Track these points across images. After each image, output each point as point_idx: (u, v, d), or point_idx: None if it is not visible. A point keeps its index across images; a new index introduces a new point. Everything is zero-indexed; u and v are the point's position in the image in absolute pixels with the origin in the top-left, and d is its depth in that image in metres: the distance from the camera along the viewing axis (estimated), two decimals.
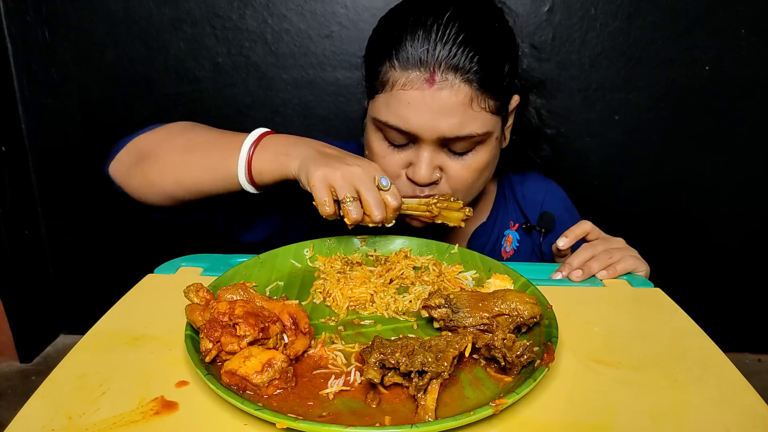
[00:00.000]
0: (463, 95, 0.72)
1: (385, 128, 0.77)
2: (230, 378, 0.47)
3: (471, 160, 0.78)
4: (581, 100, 1.47)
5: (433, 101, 0.71)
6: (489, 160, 0.80)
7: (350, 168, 0.67)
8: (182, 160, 0.78)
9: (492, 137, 0.78)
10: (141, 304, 0.65)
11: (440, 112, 0.72)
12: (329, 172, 0.66)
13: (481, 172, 0.80)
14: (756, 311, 1.74)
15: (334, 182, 0.66)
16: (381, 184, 0.68)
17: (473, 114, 0.73)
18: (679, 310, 0.66)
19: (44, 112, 1.54)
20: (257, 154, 0.73)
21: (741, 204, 1.59)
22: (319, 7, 1.42)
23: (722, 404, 0.48)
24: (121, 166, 0.82)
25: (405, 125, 0.74)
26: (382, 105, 0.76)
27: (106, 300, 0.66)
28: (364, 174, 0.67)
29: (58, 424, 0.44)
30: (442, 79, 0.71)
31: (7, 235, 1.58)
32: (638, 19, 1.39)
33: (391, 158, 0.79)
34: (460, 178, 0.79)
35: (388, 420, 0.44)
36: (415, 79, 0.72)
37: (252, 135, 0.75)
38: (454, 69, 0.70)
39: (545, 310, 0.58)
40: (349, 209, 0.66)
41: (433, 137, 0.74)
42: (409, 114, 0.73)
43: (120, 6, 1.42)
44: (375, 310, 0.64)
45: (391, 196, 0.68)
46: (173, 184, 0.78)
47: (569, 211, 1.00)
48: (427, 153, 0.76)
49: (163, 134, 0.82)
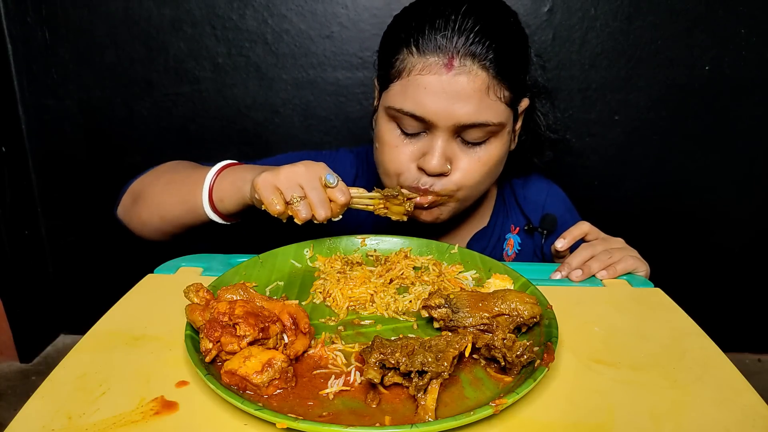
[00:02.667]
0: (480, 82, 0.72)
1: (399, 116, 0.76)
2: (230, 378, 0.47)
3: (482, 153, 0.77)
4: (581, 100, 1.47)
5: (450, 86, 0.72)
6: (500, 157, 0.80)
7: (293, 168, 0.68)
8: (163, 197, 0.83)
9: (504, 131, 0.78)
10: (141, 304, 0.65)
11: (457, 98, 0.72)
12: (272, 176, 0.67)
13: (491, 168, 0.80)
14: (756, 311, 1.74)
15: (278, 184, 0.67)
16: (327, 182, 0.68)
17: (489, 102, 0.73)
18: (679, 310, 0.66)
19: (44, 112, 1.54)
20: (217, 183, 0.77)
21: (741, 204, 1.59)
22: (319, 8, 1.42)
23: (722, 404, 0.48)
24: (123, 208, 0.89)
25: (421, 110, 0.73)
26: (397, 92, 0.76)
27: (106, 300, 0.66)
28: (308, 173, 0.68)
29: (58, 424, 0.44)
30: (460, 65, 0.71)
31: (7, 235, 1.58)
32: (638, 20, 1.39)
33: (403, 148, 0.78)
34: (469, 171, 0.78)
35: (388, 420, 0.44)
36: (433, 64, 0.72)
37: (216, 167, 0.79)
38: (472, 55, 0.71)
39: (545, 310, 0.58)
40: (297, 209, 0.67)
41: (448, 124, 0.73)
42: (426, 99, 0.73)
43: (120, 6, 1.42)
44: (375, 310, 0.64)
45: (339, 193, 0.68)
46: (159, 221, 0.84)
47: (570, 212, 1.00)
48: (441, 142, 0.75)
49: (152, 176, 0.87)
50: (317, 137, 1.54)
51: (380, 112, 0.81)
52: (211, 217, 0.79)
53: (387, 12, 1.40)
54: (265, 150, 1.55)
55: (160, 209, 0.83)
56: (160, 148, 1.56)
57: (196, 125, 1.54)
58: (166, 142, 1.56)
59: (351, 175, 0.98)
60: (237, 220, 0.82)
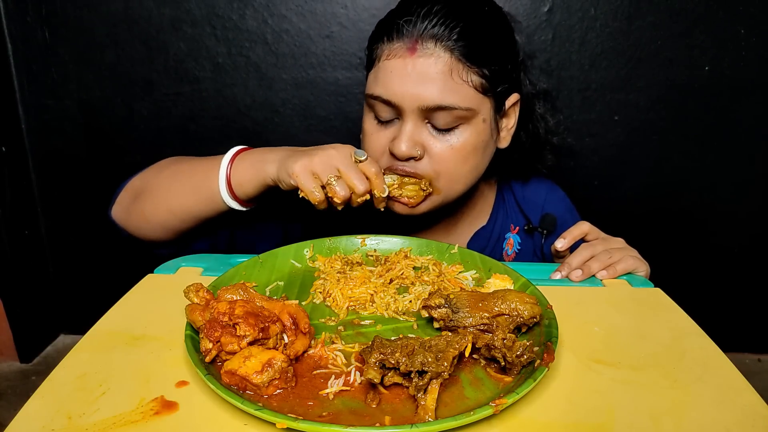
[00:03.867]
0: (443, 64, 0.73)
1: (373, 103, 0.78)
2: (230, 378, 0.47)
3: (454, 140, 0.77)
4: (581, 100, 1.47)
5: (413, 69, 0.73)
6: (475, 144, 0.79)
7: (326, 152, 0.70)
8: (170, 189, 0.81)
9: (477, 118, 0.77)
10: (141, 304, 0.65)
11: (420, 80, 0.73)
12: (308, 161, 0.69)
13: (466, 156, 0.79)
14: (756, 311, 1.74)
15: (314, 168, 0.69)
16: (357, 157, 0.71)
17: (454, 85, 0.74)
18: (679, 310, 0.66)
19: (44, 112, 1.54)
20: (235, 167, 0.76)
21: (741, 204, 1.59)
22: (319, 8, 1.42)
23: (722, 404, 0.48)
24: (120, 207, 0.86)
25: (387, 93, 0.75)
26: (371, 79, 0.79)
27: (106, 300, 0.66)
28: (339, 154, 0.70)
29: (58, 424, 0.44)
30: (422, 48, 0.73)
31: (7, 235, 1.58)
32: (638, 20, 1.39)
33: (378, 135, 0.80)
34: (442, 157, 0.77)
35: (388, 420, 0.44)
36: (398, 49, 0.75)
37: (230, 152, 0.78)
38: (434, 37, 0.73)
39: (545, 310, 0.58)
40: (336, 189, 0.69)
41: (413, 106, 0.74)
42: (392, 82, 0.75)
43: (120, 6, 1.42)
44: (375, 310, 0.64)
45: (368, 164, 0.71)
46: (166, 214, 0.81)
47: (570, 212, 1.00)
48: (409, 126, 0.76)
49: (153, 170, 0.86)
50: (317, 137, 1.54)
51: (364, 104, 0.84)
52: (230, 204, 0.78)
53: (386, 12, 1.40)
54: None
55: (169, 202, 0.80)
56: (160, 148, 1.56)
57: (196, 125, 1.54)
58: (166, 142, 1.56)
59: None
60: (253, 205, 0.81)
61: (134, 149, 1.57)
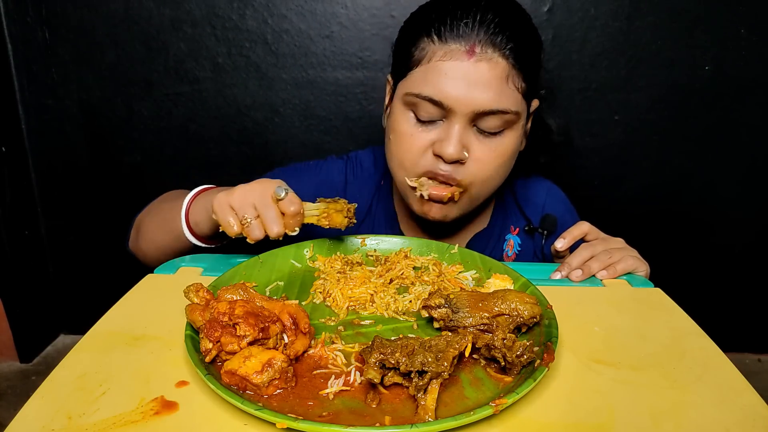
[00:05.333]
0: (501, 69, 0.74)
1: (417, 102, 0.76)
2: (230, 378, 0.47)
3: (498, 143, 0.78)
4: (581, 100, 1.47)
5: (471, 72, 0.73)
6: (513, 150, 0.80)
7: (246, 188, 0.68)
8: (152, 228, 0.86)
9: (519, 123, 0.79)
10: (141, 304, 0.65)
11: (477, 84, 0.73)
12: (226, 197, 0.68)
13: (504, 162, 0.80)
14: (756, 311, 1.74)
15: (232, 203, 0.68)
16: (276, 195, 0.67)
17: (508, 90, 0.75)
18: (679, 310, 0.66)
19: (44, 112, 1.54)
20: (192, 208, 0.79)
21: (741, 204, 1.59)
22: (319, 7, 1.41)
23: (722, 404, 0.48)
24: (131, 242, 0.92)
25: (440, 95, 0.74)
26: (417, 79, 0.76)
27: (106, 300, 0.66)
28: (258, 190, 0.68)
29: (58, 424, 0.44)
30: (481, 52, 0.73)
31: (7, 235, 1.58)
32: (638, 20, 1.39)
33: (418, 136, 0.78)
34: (484, 161, 0.78)
35: (388, 420, 0.44)
36: (455, 51, 0.74)
37: (192, 192, 0.81)
38: (492, 44, 0.73)
39: (545, 310, 0.58)
40: (249, 229, 0.67)
41: (467, 110, 0.74)
42: (447, 84, 0.74)
43: (120, 6, 1.42)
44: (375, 310, 0.64)
45: (288, 203, 0.67)
46: (155, 251, 0.86)
47: (570, 213, 1.00)
48: (459, 128, 0.75)
49: (148, 209, 0.91)
50: (317, 137, 1.54)
51: (395, 103, 0.81)
52: (193, 241, 0.80)
53: (386, 12, 1.41)
54: (265, 150, 1.55)
55: (154, 240, 0.85)
56: (160, 148, 1.56)
57: (196, 125, 1.54)
58: (166, 142, 1.56)
59: (339, 182, 0.97)
60: (219, 242, 0.84)
61: (134, 149, 1.57)
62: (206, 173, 1.58)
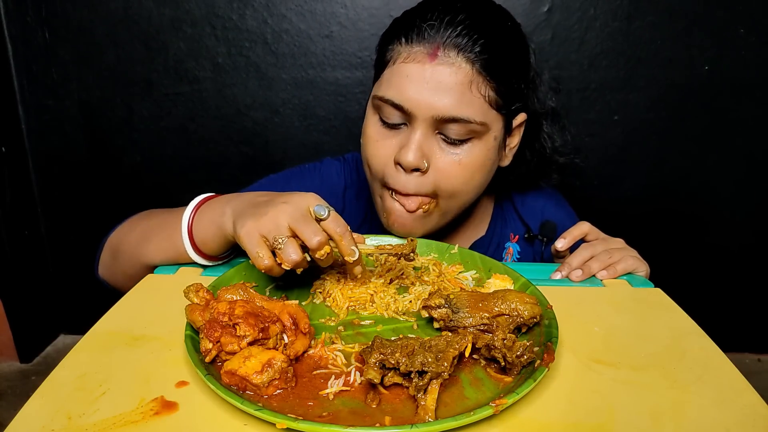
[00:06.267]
0: (463, 75, 0.70)
1: (381, 105, 0.75)
2: (230, 378, 0.47)
3: (463, 155, 0.74)
4: (581, 100, 1.47)
5: (431, 76, 0.70)
6: (481, 162, 0.76)
7: (277, 207, 0.59)
8: (142, 248, 0.76)
9: (489, 135, 0.75)
10: (141, 304, 0.65)
11: (437, 89, 0.70)
12: (254, 222, 0.59)
13: (472, 173, 0.76)
14: (756, 311, 1.74)
15: (261, 230, 0.58)
16: (317, 214, 0.59)
17: (471, 97, 0.71)
18: (679, 310, 0.66)
19: (44, 112, 1.54)
20: (195, 225, 0.70)
21: (741, 204, 1.59)
22: (319, 7, 1.42)
23: (722, 404, 0.48)
24: (104, 267, 0.84)
25: (400, 98, 0.72)
26: (383, 81, 0.75)
27: (106, 300, 0.66)
28: (292, 207, 0.59)
29: (58, 424, 0.44)
30: (443, 55, 0.70)
31: (7, 235, 1.58)
32: (638, 19, 1.39)
33: (383, 142, 0.76)
34: (448, 172, 0.74)
35: (388, 420, 0.44)
36: (417, 53, 0.71)
37: (190, 206, 0.71)
38: (456, 47, 0.70)
39: (545, 310, 0.58)
40: (282, 252, 0.57)
41: (426, 115, 0.71)
42: (407, 87, 0.71)
43: (120, 6, 1.42)
44: (375, 310, 0.64)
45: (333, 223, 0.59)
46: (145, 271, 0.76)
47: (570, 217, 0.99)
48: (419, 134, 0.72)
49: (126, 227, 0.81)
50: (316, 137, 1.54)
51: (368, 106, 0.80)
52: (201, 262, 0.72)
53: (385, 12, 1.41)
54: (265, 149, 1.55)
55: (144, 260, 0.75)
56: (160, 148, 1.56)
57: (196, 125, 1.54)
58: (166, 142, 1.56)
59: (339, 185, 0.95)
60: (230, 257, 0.76)
61: (134, 149, 1.57)
62: (206, 173, 1.57)
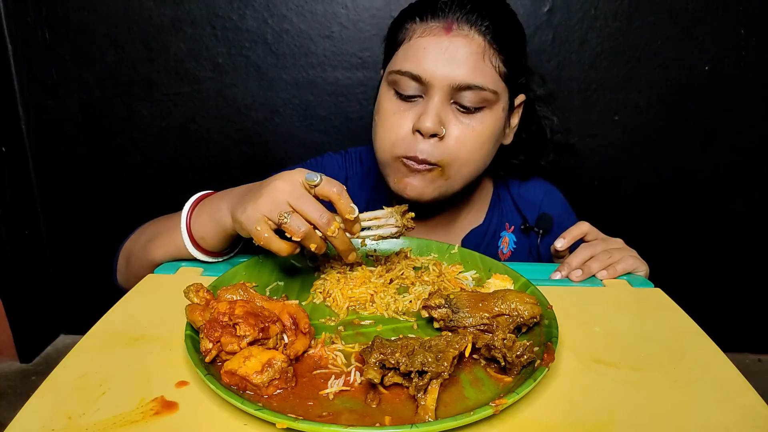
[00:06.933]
0: (476, 46, 0.76)
1: (399, 78, 0.79)
2: (230, 378, 0.47)
3: (476, 124, 0.79)
4: (581, 100, 1.47)
5: (448, 48, 0.76)
6: (493, 131, 0.81)
7: (272, 185, 0.62)
8: (148, 248, 0.79)
9: (498, 105, 0.80)
10: (141, 304, 0.65)
11: (453, 59, 0.76)
12: (253, 205, 0.62)
13: (483, 142, 0.80)
14: (756, 311, 1.74)
15: (262, 210, 0.61)
16: (310, 182, 0.61)
17: (484, 67, 0.77)
18: (679, 310, 0.66)
19: (44, 112, 1.54)
20: (194, 222, 0.73)
21: (741, 204, 1.59)
22: (319, 8, 1.42)
23: (722, 404, 0.48)
24: (120, 273, 0.88)
25: (418, 69, 0.77)
26: (399, 57, 0.80)
27: (106, 300, 0.66)
28: (285, 184, 0.61)
29: (58, 424, 0.44)
30: (458, 29, 0.76)
31: (7, 235, 1.58)
32: (638, 20, 1.39)
33: (400, 114, 0.80)
34: (462, 139, 0.78)
35: (388, 420, 0.44)
36: (433, 28, 0.77)
37: (187, 204, 0.75)
38: (469, 22, 0.77)
39: (545, 310, 0.58)
40: (290, 226, 0.60)
41: (443, 83, 0.76)
42: (425, 58, 0.77)
43: (120, 6, 1.42)
44: (375, 310, 0.64)
45: (327, 185, 0.62)
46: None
47: (567, 214, 1.00)
48: (437, 102, 0.77)
49: (137, 233, 0.86)
50: (317, 137, 1.54)
51: (381, 86, 0.84)
52: (202, 258, 0.75)
53: (387, 12, 1.40)
54: (265, 150, 1.55)
55: (150, 258, 0.79)
56: (160, 148, 1.56)
57: (196, 125, 1.54)
58: (166, 142, 1.56)
59: (341, 176, 0.98)
60: (232, 252, 0.79)
61: (134, 149, 1.57)
62: (206, 173, 1.57)
